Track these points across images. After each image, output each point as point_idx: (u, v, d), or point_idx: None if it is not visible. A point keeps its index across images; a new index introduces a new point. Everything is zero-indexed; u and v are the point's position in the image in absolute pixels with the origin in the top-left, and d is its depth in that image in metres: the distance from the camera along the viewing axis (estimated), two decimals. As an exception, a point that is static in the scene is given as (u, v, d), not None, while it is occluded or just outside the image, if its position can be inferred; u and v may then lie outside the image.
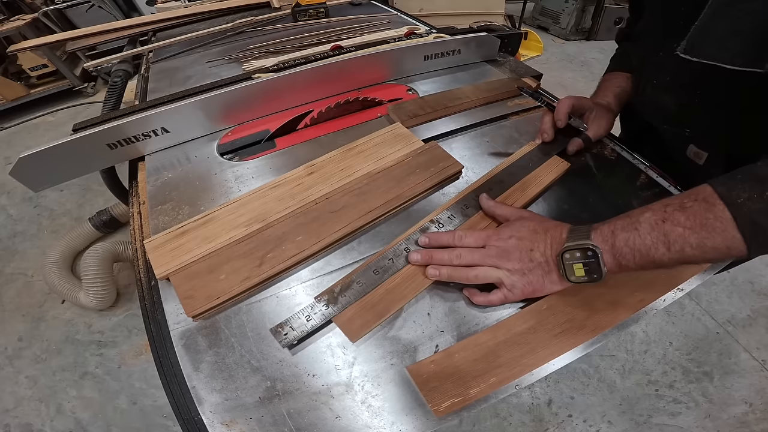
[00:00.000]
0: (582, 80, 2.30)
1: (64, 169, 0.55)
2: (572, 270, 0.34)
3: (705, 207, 0.30)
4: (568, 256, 0.35)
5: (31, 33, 2.06)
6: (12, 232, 1.61)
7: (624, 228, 0.33)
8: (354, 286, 0.39)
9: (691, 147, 0.52)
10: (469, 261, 0.38)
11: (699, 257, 0.31)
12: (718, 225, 0.29)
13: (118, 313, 1.28)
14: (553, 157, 0.52)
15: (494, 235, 0.39)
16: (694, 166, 0.52)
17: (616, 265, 0.33)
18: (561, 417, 0.99)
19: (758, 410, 1.00)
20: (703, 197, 0.31)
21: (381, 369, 0.35)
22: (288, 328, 0.36)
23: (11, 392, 1.11)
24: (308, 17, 1.05)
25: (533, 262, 0.37)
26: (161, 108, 0.57)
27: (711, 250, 0.30)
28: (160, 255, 0.42)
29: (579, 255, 0.34)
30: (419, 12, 2.27)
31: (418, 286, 0.39)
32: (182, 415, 0.33)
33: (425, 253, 0.40)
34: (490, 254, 0.38)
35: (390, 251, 0.41)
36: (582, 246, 0.34)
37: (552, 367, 0.35)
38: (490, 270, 0.38)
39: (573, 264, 0.34)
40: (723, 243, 0.30)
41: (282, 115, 0.65)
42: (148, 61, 0.93)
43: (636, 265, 0.33)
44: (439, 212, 0.45)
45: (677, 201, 0.32)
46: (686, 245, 0.31)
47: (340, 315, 0.37)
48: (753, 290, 1.25)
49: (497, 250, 0.38)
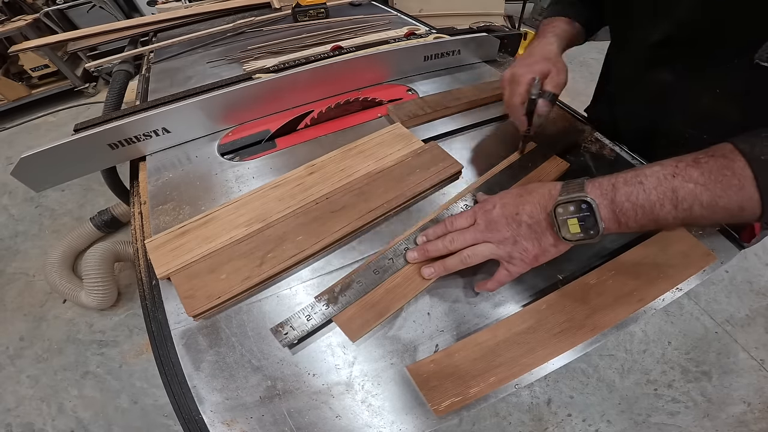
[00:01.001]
0: (581, 80, 2.30)
1: (65, 169, 0.55)
2: (567, 227, 0.32)
3: (723, 163, 0.28)
4: (561, 210, 0.32)
5: (33, 33, 2.07)
6: (14, 232, 1.61)
7: (627, 182, 0.30)
8: (354, 286, 0.39)
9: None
10: (461, 243, 0.37)
11: (707, 218, 0.28)
12: (735, 182, 0.27)
13: (119, 313, 1.29)
14: (553, 158, 0.52)
15: (479, 208, 0.38)
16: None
17: (615, 222, 0.31)
18: (560, 416, 0.99)
19: (756, 409, 1.00)
20: (721, 153, 0.28)
21: (381, 368, 0.35)
22: (288, 328, 0.36)
23: (13, 391, 1.12)
24: (309, 18, 1.05)
25: (521, 226, 0.34)
26: (162, 108, 0.57)
27: (721, 210, 0.28)
28: (161, 255, 0.42)
29: (573, 209, 0.31)
30: (419, 12, 2.27)
31: (418, 286, 0.39)
32: (183, 414, 0.33)
33: (420, 248, 0.40)
34: (479, 229, 0.37)
35: (390, 251, 0.42)
36: (575, 198, 0.31)
37: (551, 367, 0.35)
38: (479, 247, 0.36)
39: (567, 219, 0.31)
40: (737, 202, 0.27)
41: (282, 115, 0.65)
42: (149, 62, 0.94)
43: (637, 223, 0.30)
44: (439, 212, 0.46)
45: (691, 156, 0.29)
46: (696, 203, 0.28)
47: (340, 315, 0.37)
48: (751, 290, 1.25)
49: (484, 223, 0.36)
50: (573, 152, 0.56)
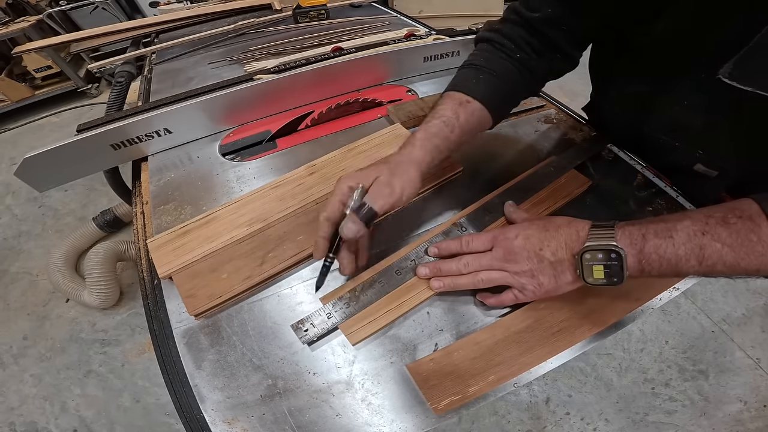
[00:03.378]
0: (579, 82, 2.29)
1: (68, 170, 0.56)
2: (591, 271, 0.32)
3: (749, 226, 0.28)
4: (589, 256, 0.32)
5: (36, 34, 2.08)
6: (17, 232, 1.62)
7: (657, 233, 0.31)
8: (376, 286, 0.39)
9: (698, 165, 0.48)
10: (476, 268, 0.37)
11: (725, 274, 0.29)
12: (759, 249, 0.28)
13: (121, 312, 1.29)
14: (573, 173, 0.50)
15: (500, 234, 0.37)
16: (701, 178, 0.49)
17: (638, 270, 0.31)
18: (559, 415, 0.99)
19: (753, 408, 1.00)
20: (748, 215, 0.29)
21: (381, 367, 0.35)
22: (309, 325, 0.36)
23: (16, 390, 1.12)
24: (309, 19, 1.06)
25: (543, 262, 0.34)
26: (164, 109, 0.57)
27: (741, 270, 0.28)
28: (162, 254, 0.42)
29: (601, 257, 0.31)
30: (419, 14, 2.27)
31: (422, 295, 0.39)
32: (185, 413, 0.33)
33: (433, 266, 0.39)
34: (497, 257, 0.36)
35: (412, 253, 0.41)
36: (606, 247, 0.31)
37: (550, 366, 0.35)
38: (494, 273, 0.36)
39: (593, 265, 0.32)
40: (756, 266, 0.28)
41: (283, 116, 0.65)
42: (151, 63, 0.94)
43: (659, 272, 0.31)
44: (460, 217, 0.45)
45: (720, 214, 0.30)
46: (719, 262, 0.29)
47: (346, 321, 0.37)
48: (747, 289, 1.25)
49: (503, 251, 0.36)
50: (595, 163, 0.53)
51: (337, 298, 0.38)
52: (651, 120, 0.50)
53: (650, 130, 0.50)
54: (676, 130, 0.47)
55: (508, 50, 0.46)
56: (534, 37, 0.45)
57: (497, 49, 0.47)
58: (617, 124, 0.57)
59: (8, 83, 2.16)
